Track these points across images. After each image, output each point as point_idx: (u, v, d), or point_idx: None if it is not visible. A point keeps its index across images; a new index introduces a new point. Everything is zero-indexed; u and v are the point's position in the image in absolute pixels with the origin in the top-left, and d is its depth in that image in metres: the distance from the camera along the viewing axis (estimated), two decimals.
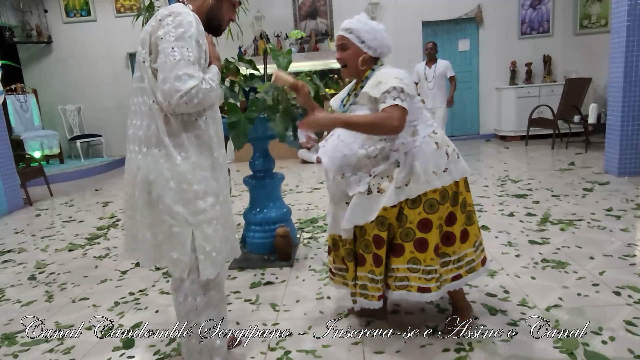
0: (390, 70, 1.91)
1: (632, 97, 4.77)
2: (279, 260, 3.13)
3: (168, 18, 1.55)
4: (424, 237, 1.88)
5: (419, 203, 1.87)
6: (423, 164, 1.86)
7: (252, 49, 8.10)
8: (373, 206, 1.89)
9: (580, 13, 8.01)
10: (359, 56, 1.95)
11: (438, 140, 1.92)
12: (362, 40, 1.93)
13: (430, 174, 1.87)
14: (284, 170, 6.38)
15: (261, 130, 2.99)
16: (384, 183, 1.89)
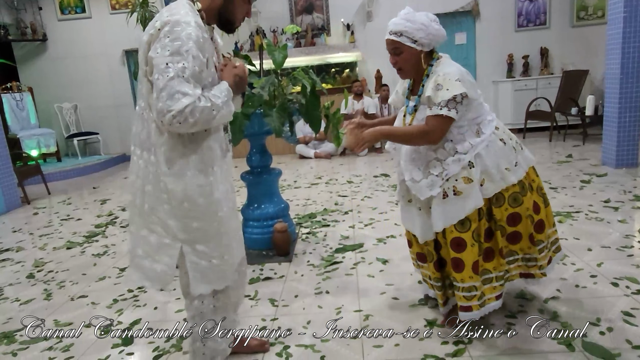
0: (450, 67, 1.85)
1: (629, 89, 4.77)
2: (278, 256, 3.13)
3: (166, 28, 1.43)
4: (515, 230, 1.92)
5: (503, 200, 1.89)
6: (495, 162, 1.86)
7: (249, 44, 8.07)
8: (456, 209, 1.86)
9: (576, 5, 7.98)
10: (415, 57, 1.90)
11: (503, 136, 1.92)
12: (415, 40, 1.86)
13: (503, 171, 1.87)
14: (282, 166, 6.37)
15: (258, 125, 2.98)
16: (459, 185, 1.85)
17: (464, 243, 1.87)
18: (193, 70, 1.43)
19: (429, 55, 1.93)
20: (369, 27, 8.05)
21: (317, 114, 2.93)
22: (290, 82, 3.03)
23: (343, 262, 2.97)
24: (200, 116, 1.44)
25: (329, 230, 3.65)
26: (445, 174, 1.87)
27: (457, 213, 1.86)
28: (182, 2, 1.54)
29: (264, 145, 3.29)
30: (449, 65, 1.87)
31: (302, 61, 7.65)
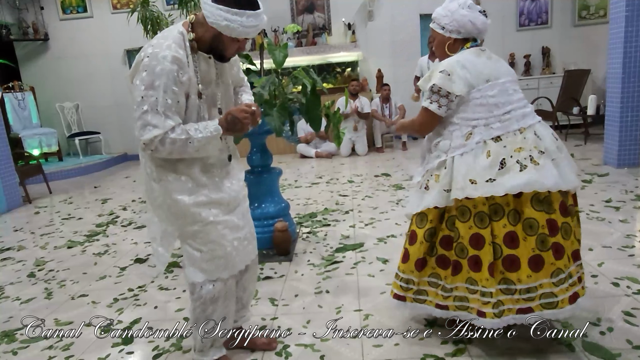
0: (452, 58, 1.81)
1: (630, 88, 4.76)
2: (278, 255, 3.13)
3: (145, 60, 1.51)
4: (476, 254, 1.72)
5: (469, 215, 1.73)
6: (462, 169, 1.74)
7: (250, 43, 8.07)
8: (418, 201, 1.90)
9: (578, 4, 7.96)
10: (444, 44, 1.89)
11: (493, 148, 1.71)
12: (442, 27, 1.86)
13: (466, 181, 1.72)
14: (283, 165, 6.36)
15: (258, 125, 2.96)
16: (431, 181, 1.86)
17: (415, 237, 1.89)
18: (165, 104, 1.50)
19: (462, 44, 1.86)
20: (370, 27, 8.04)
21: (317, 113, 2.93)
22: (291, 81, 3.03)
23: (343, 262, 2.97)
24: (173, 146, 1.54)
25: (330, 229, 3.64)
26: (428, 166, 1.90)
27: (416, 205, 1.91)
28: (173, 32, 1.58)
29: (265, 144, 3.28)
30: (458, 54, 1.83)
31: (303, 61, 7.66)
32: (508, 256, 1.69)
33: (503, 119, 1.75)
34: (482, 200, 1.69)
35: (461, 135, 1.78)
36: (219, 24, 1.50)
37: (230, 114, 1.62)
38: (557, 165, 1.72)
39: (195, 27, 1.59)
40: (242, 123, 1.63)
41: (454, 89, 1.75)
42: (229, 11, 1.48)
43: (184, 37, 1.58)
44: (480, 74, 1.77)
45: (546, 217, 1.68)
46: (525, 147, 1.70)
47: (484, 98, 1.76)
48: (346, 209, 4.15)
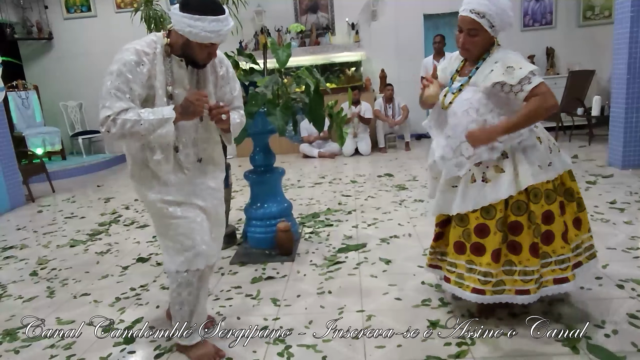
0: (512, 54, 1.88)
1: (635, 89, 4.73)
2: (280, 255, 3.12)
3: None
4: (548, 229, 1.88)
5: (541, 196, 1.86)
6: (529, 157, 1.85)
7: (253, 43, 8.07)
8: (481, 195, 1.89)
9: (583, 4, 7.92)
10: (487, 43, 1.89)
11: (540, 134, 1.90)
12: (492, 25, 1.84)
13: (535, 167, 1.84)
14: (286, 165, 6.36)
15: (261, 124, 2.97)
16: (489, 173, 1.88)
17: (487, 230, 1.89)
18: (117, 87, 1.65)
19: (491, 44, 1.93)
20: (373, 27, 8.03)
21: (320, 113, 2.92)
22: (294, 81, 3.02)
23: (346, 262, 2.95)
24: (123, 128, 1.65)
25: (332, 230, 3.63)
26: (476, 159, 1.89)
27: (481, 200, 1.89)
28: (148, 37, 1.78)
29: (268, 144, 3.28)
30: (511, 52, 1.89)
31: (307, 60, 7.64)
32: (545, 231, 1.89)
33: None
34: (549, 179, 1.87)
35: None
36: (183, 30, 1.64)
37: (185, 98, 1.72)
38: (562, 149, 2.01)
39: (171, 33, 1.75)
40: (194, 105, 1.71)
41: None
42: (192, 17, 1.61)
43: (156, 41, 1.76)
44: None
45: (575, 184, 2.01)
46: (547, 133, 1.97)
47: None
48: (349, 209, 4.13)
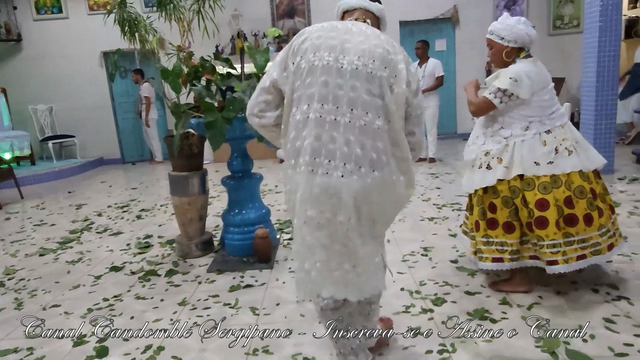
0: (519, 66, 2.26)
1: (604, 96, 4.86)
2: (259, 262, 3.07)
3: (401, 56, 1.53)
4: (542, 214, 2.20)
5: (534, 186, 2.24)
6: (524, 155, 2.25)
7: (230, 47, 8.00)
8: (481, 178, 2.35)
9: (553, 14, 8.15)
10: (501, 51, 2.32)
11: (547, 139, 2.26)
12: (502, 37, 2.30)
13: (531, 163, 2.24)
14: (263, 171, 6.28)
15: (239, 130, 2.93)
16: (493, 162, 2.32)
17: (494, 206, 2.33)
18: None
19: (518, 52, 2.32)
20: None
21: None
22: None
23: None
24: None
25: None
26: (484, 147, 2.37)
27: (479, 181, 2.35)
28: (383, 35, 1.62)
29: (245, 149, 3.23)
30: (521, 64, 2.28)
31: None
32: (568, 214, 2.20)
33: (551, 117, 2.29)
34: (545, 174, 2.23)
35: (520, 127, 2.29)
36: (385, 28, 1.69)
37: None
38: (585, 150, 2.32)
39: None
40: None
41: (519, 92, 2.21)
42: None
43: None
44: (539, 83, 2.25)
45: (589, 186, 2.26)
46: (568, 138, 2.28)
47: (541, 101, 2.27)
48: None
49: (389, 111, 1.44)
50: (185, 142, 3.16)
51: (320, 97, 1.44)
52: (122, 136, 8.70)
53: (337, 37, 1.48)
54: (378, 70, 1.44)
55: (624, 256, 2.77)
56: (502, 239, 2.31)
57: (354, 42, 1.47)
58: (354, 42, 1.47)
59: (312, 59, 1.46)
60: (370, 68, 1.43)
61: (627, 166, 5.23)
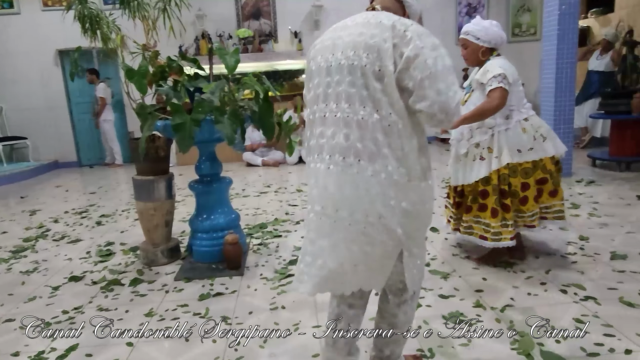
0: (498, 60, 2.49)
1: (562, 102, 5.04)
2: (229, 269, 2.98)
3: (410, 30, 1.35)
4: (525, 194, 2.57)
5: (517, 172, 2.54)
6: (509, 143, 2.51)
7: (194, 48, 7.82)
8: (477, 170, 2.59)
9: (511, 22, 8.43)
10: (477, 51, 2.54)
11: (527, 126, 2.54)
12: (477, 37, 2.51)
13: (514, 150, 2.50)
14: (229, 174, 6.14)
15: (208, 132, 2.83)
16: (485, 153, 2.57)
17: (487, 193, 2.59)
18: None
19: (491, 52, 2.55)
20: (316, 36, 8.02)
21: (271, 121, 2.84)
22: (241, 87, 2.91)
23: None
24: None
25: (281, 241, 3.54)
26: (472, 141, 2.60)
27: (476, 173, 2.60)
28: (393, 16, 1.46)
29: (214, 153, 3.14)
30: (498, 60, 2.50)
31: (250, 67, 7.51)
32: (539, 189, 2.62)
33: (525, 106, 2.59)
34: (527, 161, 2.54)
35: (503, 116, 2.53)
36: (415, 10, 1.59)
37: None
38: (552, 138, 2.63)
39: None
40: None
41: (509, 79, 2.41)
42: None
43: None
44: (514, 74, 2.47)
45: (555, 168, 2.65)
46: (541, 125, 2.60)
47: (517, 92, 2.54)
48: (297, 219, 4.06)
49: (375, 100, 1.37)
50: (151, 145, 3.03)
51: (321, 97, 1.48)
52: (79, 138, 8.34)
53: (334, 36, 1.48)
54: (359, 60, 1.38)
55: (587, 257, 2.86)
56: (488, 221, 2.61)
57: (344, 37, 1.45)
58: (344, 37, 1.45)
59: (316, 62, 1.51)
60: (351, 60, 1.40)
61: (583, 169, 5.44)
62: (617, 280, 2.52)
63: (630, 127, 5.26)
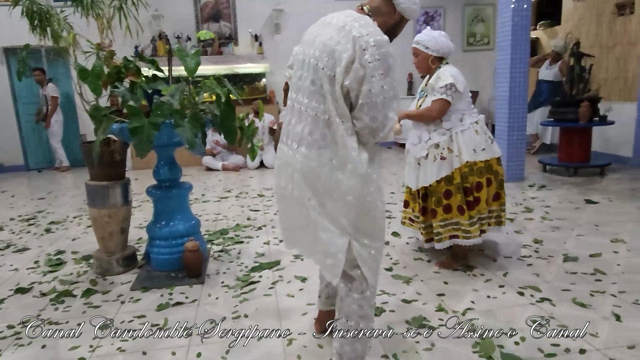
0: (449, 68, 2.67)
1: (516, 110, 5.23)
2: (189, 278, 2.89)
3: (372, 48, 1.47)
4: (478, 195, 2.72)
5: (474, 171, 2.69)
6: (467, 143, 2.66)
7: (151, 49, 7.60)
8: (439, 169, 2.70)
9: (466, 31, 8.71)
10: (427, 59, 2.71)
11: (478, 128, 2.72)
12: (427, 46, 2.69)
13: (471, 150, 2.67)
14: (188, 178, 6.01)
15: (167, 136, 2.75)
16: (445, 153, 2.68)
17: (450, 193, 2.71)
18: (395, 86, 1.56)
19: (440, 60, 2.72)
20: (277, 39, 8.02)
21: (232, 125, 2.78)
22: (201, 90, 2.84)
23: (260, 282, 2.82)
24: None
25: (243, 247, 3.48)
26: (431, 142, 2.71)
27: (436, 173, 2.70)
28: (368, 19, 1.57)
29: (173, 157, 3.05)
30: (449, 68, 2.69)
31: (209, 70, 7.37)
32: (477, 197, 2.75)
33: (474, 111, 2.78)
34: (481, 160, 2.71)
35: (457, 119, 2.71)
36: (410, 9, 1.66)
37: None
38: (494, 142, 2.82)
39: (375, 16, 1.64)
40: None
41: (459, 87, 2.62)
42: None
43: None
44: (463, 82, 2.66)
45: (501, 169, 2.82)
46: (486, 129, 2.80)
47: (467, 97, 2.73)
48: (259, 225, 4.00)
49: (327, 101, 1.54)
50: (106, 149, 2.90)
51: (294, 87, 1.69)
52: (26, 141, 7.91)
53: (315, 32, 1.63)
54: (321, 62, 1.54)
55: (542, 259, 2.97)
56: (457, 219, 2.72)
57: (321, 37, 1.58)
58: (321, 36, 1.58)
59: (299, 53, 1.68)
60: (316, 60, 1.56)
61: (534, 174, 5.67)
62: (570, 281, 2.63)
63: (578, 135, 5.53)
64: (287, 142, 1.67)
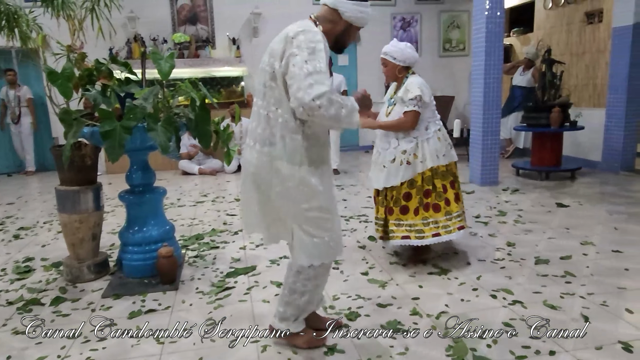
0: (416, 80, 2.85)
1: (490, 115, 5.33)
2: (162, 284, 2.84)
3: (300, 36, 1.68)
4: (446, 197, 2.90)
5: (438, 175, 2.87)
6: (431, 149, 2.85)
7: (126, 51, 7.48)
8: (404, 173, 2.85)
9: (443, 37, 8.84)
10: (394, 69, 2.89)
11: (440, 136, 2.91)
12: (394, 57, 2.86)
13: (434, 155, 2.85)
14: (163, 183, 5.95)
15: (140, 140, 2.70)
16: (410, 158, 2.85)
17: (410, 196, 2.87)
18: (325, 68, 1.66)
19: (406, 70, 2.91)
20: (255, 43, 7.99)
21: (207, 129, 2.75)
22: (176, 93, 2.81)
23: (235, 287, 2.80)
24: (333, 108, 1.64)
25: (219, 252, 3.44)
26: (399, 148, 2.87)
27: (401, 176, 2.86)
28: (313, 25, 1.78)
29: (147, 161, 3.00)
30: (416, 78, 2.87)
31: (185, 73, 7.28)
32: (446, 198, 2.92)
33: (437, 119, 2.95)
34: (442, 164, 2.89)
35: (423, 128, 2.89)
36: (356, 17, 1.82)
37: (357, 94, 1.87)
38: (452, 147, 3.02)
39: (321, 23, 1.82)
40: (369, 100, 1.91)
41: (425, 98, 2.82)
42: (362, 5, 1.82)
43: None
44: (429, 93, 2.86)
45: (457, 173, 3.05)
46: (447, 136, 2.98)
47: (432, 106, 2.91)
48: (235, 230, 3.97)
49: (274, 98, 1.77)
50: (76, 153, 2.84)
51: (255, 92, 1.91)
52: None
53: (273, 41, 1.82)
54: (266, 65, 1.79)
55: (514, 262, 3.02)
56: (411, 221, 2.86)
57: (273, 44, 1.80)
58: (273, 43, 1.80)
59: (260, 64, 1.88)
60: (263, 63, 1.82)
61: (508, 178, 5.78)
62: (541, 284, 2.68)
63: (550, 139, 5.66)
64: (250, 142, 1.89)
